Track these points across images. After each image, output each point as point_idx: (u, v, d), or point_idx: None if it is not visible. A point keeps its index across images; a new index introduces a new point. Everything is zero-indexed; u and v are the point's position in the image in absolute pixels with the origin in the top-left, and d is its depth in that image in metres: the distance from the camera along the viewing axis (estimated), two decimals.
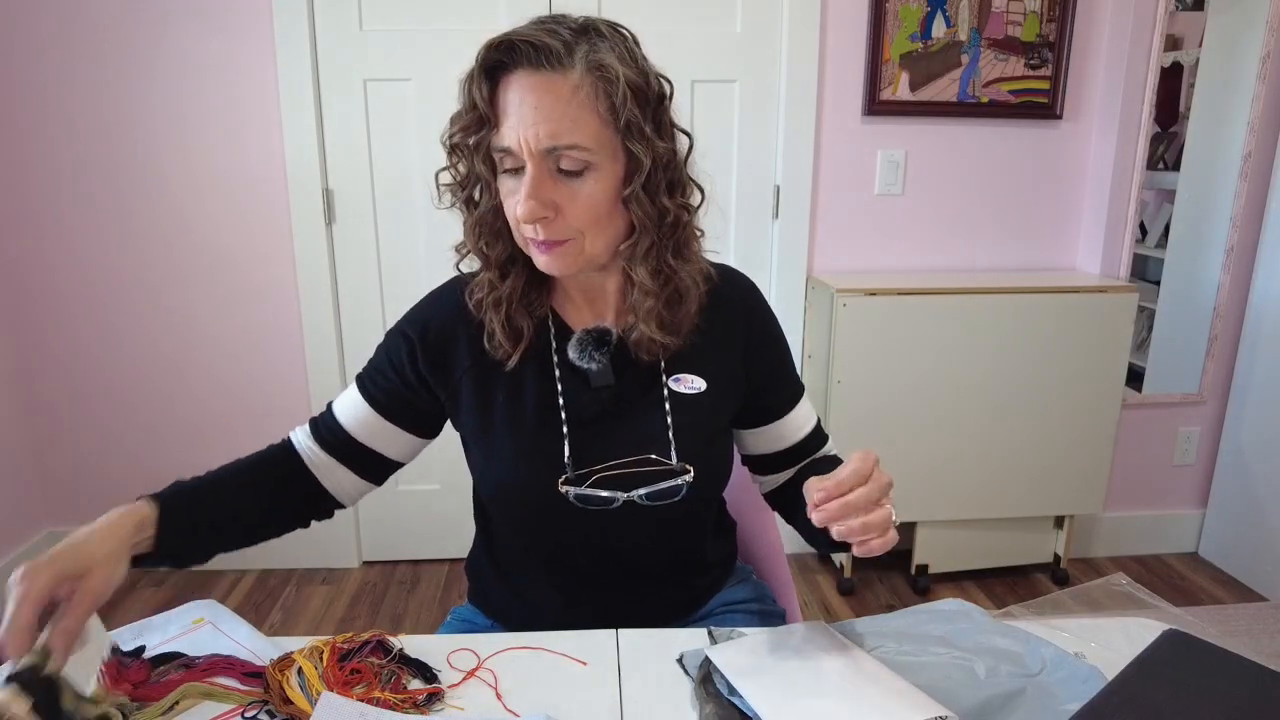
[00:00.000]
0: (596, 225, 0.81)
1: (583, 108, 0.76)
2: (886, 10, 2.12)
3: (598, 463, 0.88)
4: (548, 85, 0.75)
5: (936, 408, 2.11)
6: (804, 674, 0.74)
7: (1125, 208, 2.25)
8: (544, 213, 0.78)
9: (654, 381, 0.91)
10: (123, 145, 2.11)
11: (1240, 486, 2.36)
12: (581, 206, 0.79)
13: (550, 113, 0.75)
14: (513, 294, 0.87)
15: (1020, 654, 0.78)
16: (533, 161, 0.76)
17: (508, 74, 0.77)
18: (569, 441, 0.88)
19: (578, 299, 0.92)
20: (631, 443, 0.89)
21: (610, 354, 0.88)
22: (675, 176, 0.83)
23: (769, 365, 0.96)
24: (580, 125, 0.76)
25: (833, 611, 2.20)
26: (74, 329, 2.23)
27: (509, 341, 0.87)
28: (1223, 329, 2.35)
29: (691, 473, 0.88)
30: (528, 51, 0.75)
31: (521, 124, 0.76)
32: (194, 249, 2.18)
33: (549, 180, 0.78)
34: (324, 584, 2.32)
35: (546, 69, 0.75)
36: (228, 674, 0.77)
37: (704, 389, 0.91)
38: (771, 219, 2.27)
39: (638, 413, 0.90)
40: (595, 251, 0.82)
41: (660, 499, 0.88)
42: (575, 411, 0.89)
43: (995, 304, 2.07)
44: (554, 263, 0.82)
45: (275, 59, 2.07)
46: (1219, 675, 0.70)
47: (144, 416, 2.29)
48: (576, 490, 0.87)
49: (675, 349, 0.89)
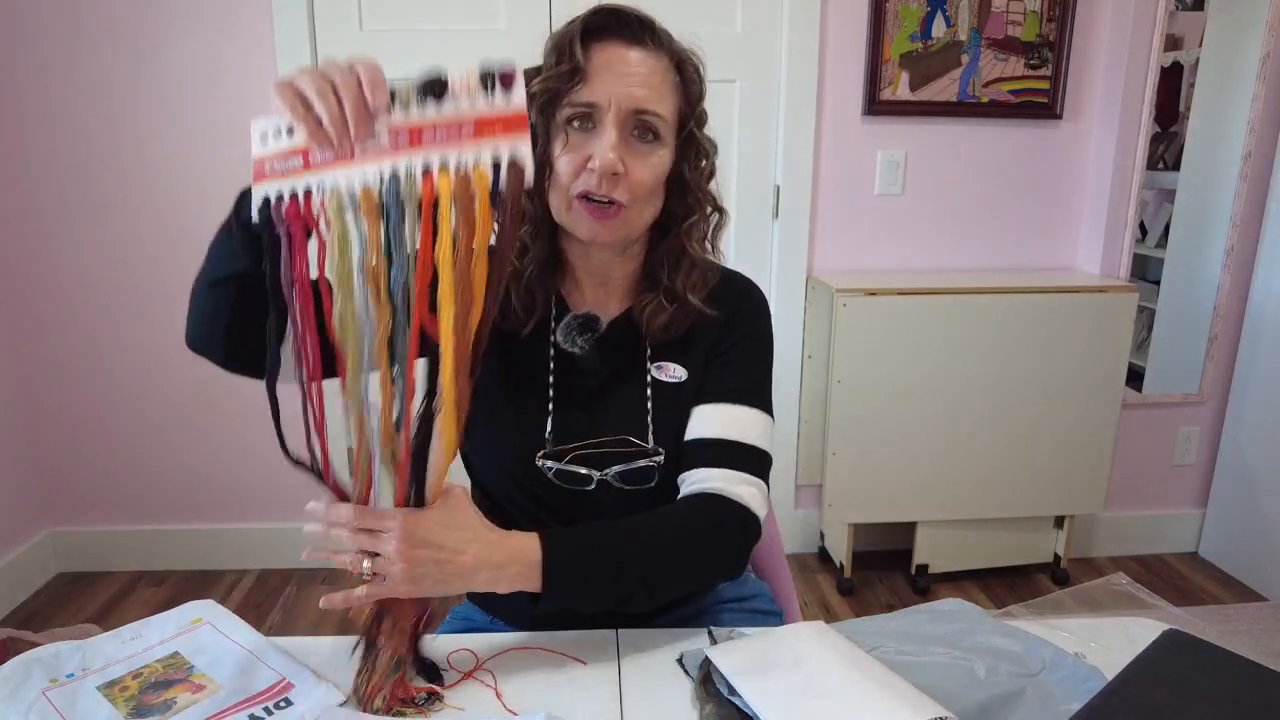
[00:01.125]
0: (649, 196, 0.86)
1: (670, 87, 0.85)
2: (886, 10, 2.12)
3: (578, 441, 0.91)
4: (646, 58, 0.83)
5: (936, 408, 2.11)
6: (804, 674, 0.74)
7: (1125, 208, 2.25)
8: (620, 167, 0.81)
9: (639, 368, 0.94)
10: (123, 144, 2.11)
11: (1240, 486, 2.36)
12: (648, 172, 0.84)
13: (647, 80, 0.82)
14: (534, 264, 0.90)
15: (1020, 654, 0.78)
16: (617, 120, 0.81)
17: (603, 40, 0.82)
18: (552, 419, 0.91)
19: (585, 282, 0.95)
20: (611, 425, 0.92)
21: (595, 340, 0.91)
22: (714, 170, 0.93)
23: (728, 345, 0.94)
24: (665, 100, 0.84)
25: (833, 611, 2.20)
26: (74, 329, 2.23)
27: (524, 312, 0.91)
28: (1223, 329, 2.35)
29: (663, 455, 0.91)
30: (632, 24, 0.83)
31: (617, 83, 0.81)
32: (194, 248, 2.15)
33: (624, 142, 0.83)
34: (324, 584, 2.32)
35: (647, 44, 0.84)
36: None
37: (684, 379, 0.94)
38: (771, 219, 2.27)
39: (620, 397, 0.93)
40: (640, 223, 0.87)
41: (633, 480, 0.90)
42: (562, 392, 0.93)
43: (995, 304, 2.07)
44: (602, 230, 0.84)
45: (275, 59, 2.07)
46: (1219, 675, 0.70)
47: (144, 416, 2.29)
48: (555, 465, 0.90)
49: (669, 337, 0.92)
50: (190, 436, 2.31)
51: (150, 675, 0.78)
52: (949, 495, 2.19)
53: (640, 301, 0.93)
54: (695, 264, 0.91)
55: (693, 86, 0.88)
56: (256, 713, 0.73)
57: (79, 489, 2.34)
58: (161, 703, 0.74)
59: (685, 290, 0.91)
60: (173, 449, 2.32)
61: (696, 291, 0.91)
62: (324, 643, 0.84)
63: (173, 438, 2.31)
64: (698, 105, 0.88)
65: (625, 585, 0.80)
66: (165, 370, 2.26)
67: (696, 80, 0.88)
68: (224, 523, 2.36)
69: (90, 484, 2.33)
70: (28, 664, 0.77)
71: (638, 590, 0.81)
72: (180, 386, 2.27)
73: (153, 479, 2.34)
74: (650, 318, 0.92)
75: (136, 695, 0.75)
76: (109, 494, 2.35)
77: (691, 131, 0.88)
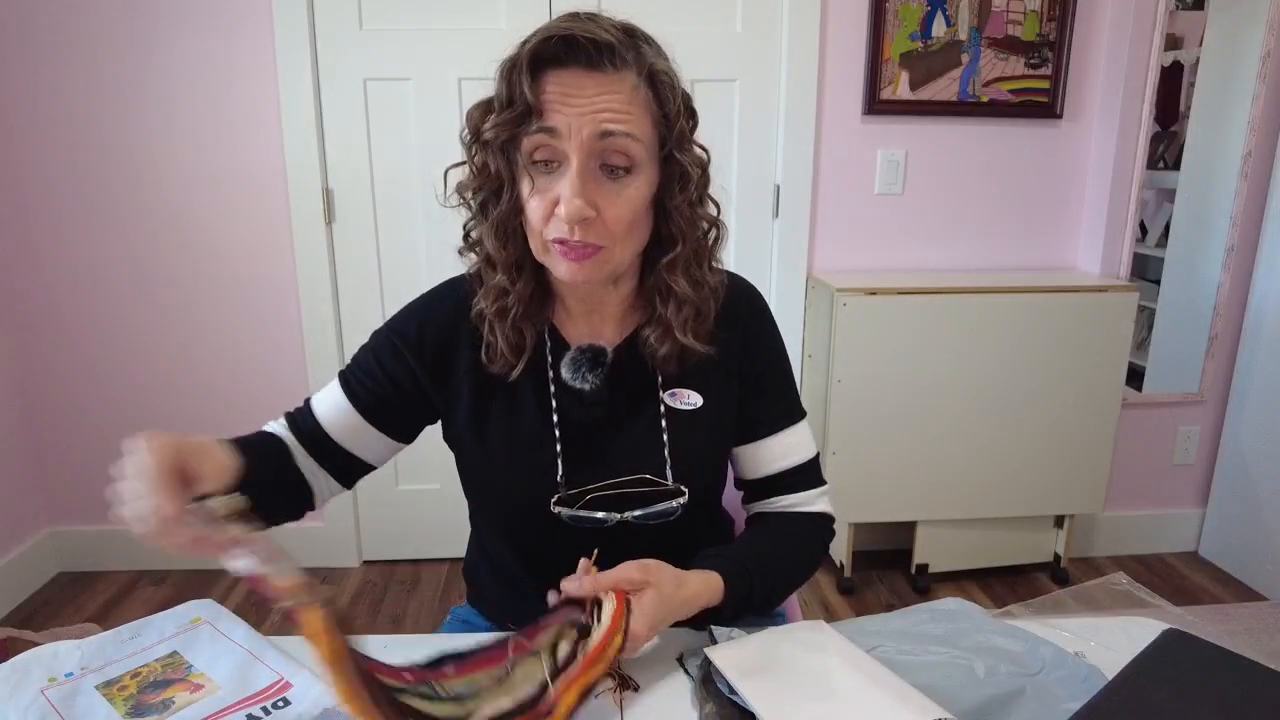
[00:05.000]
0: (629, 233, 0.79)
1: (640, 107, 0.75)
2: (886, 9, 2.12)
3: (591, 480, 0.86)
4: (607, 81, 0.73)
5: (936, 407, 2.11)
6: (804, 674, 0.74)
7: (1125, 207, 2.25)
8: (589, 213, 0.74)
9: (650, 397, 0.89)
10: (122, 144, 2.11)
11: (1240, 486, 2.36)
12: (622, 208, 0.76)
13: (610, 103, 0.73)
14: (520, 301, 0.84)
15: (1020, 653, 0.78)
16: (580, 154, 0.73)
17: (558, 69, 0.74)
18: (562, 460, 0.86)
19: (576, 312, 0.90)
20: (626, 460, 0.87)
21: (604, 374, 0.87)
22: (705, 189, 0.83)
23: (759, 371, 0.92)
24: (636, 120, 0.75)
25: (833, 611, 2.19)
26: (74, 329, 2.23)
27: (512, 354, 0.85)
28: (1223, 328, 2.35)
29: (686, 494, 0.87)
30: (588, 49, 0.72)
31: (576, 112, 0.73)
32: (193, 248, 2.18)
33: (592, 179, 0.75)
34: (324, 583, 2.32)
35: (607, 68, 0.73)
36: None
37: (700, 404, 0.89)
38: (771, 218, 2.27)
39: (633, 429, 0.88)
40: (621, 261, 0.80)
41: (654, 519, 0.87)
42: (569, 428, 0.87)
43: (995, 304, 2.07)
44: (580, 271, 0.78)
45: (275, 58, 2.07)
46: (1219, 675, 0.70)
47: (144, 416, 2.29)
48: (569, 512, 0.85)
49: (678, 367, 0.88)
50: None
51: (149, 675, 0.78)
52: (949, 495, 2.19)
53: (641, 331, 0.88)
54: (685, 300, 0.84)
55: (668, 102, 0.76)
56: (255, 712, 0.73)
57: (79, 489, 2.34)
58: (160, 702, 0.74)
59: (676, 328, 0.84)
60: None
61: (688, 328, 0.84)
62: None
63: None
64: (676, 122, 0.77)
65: (759, 607, 0.87)
66: (165, 369, 2.26)
67: (673, 92, 0.77)
68: None
69: (90, 484, 2.33)
70: (27, 663, 0.77)
71: (764, 608, 0.89)
72: (180, 386, 2.27)
73: None
74: (653, 350, 0.86)
75: (135, 694, 0.75)
76: (109, 494, 2.34)
77: (671, 154, 0.78)
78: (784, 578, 0.91)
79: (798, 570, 0.93)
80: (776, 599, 0.92)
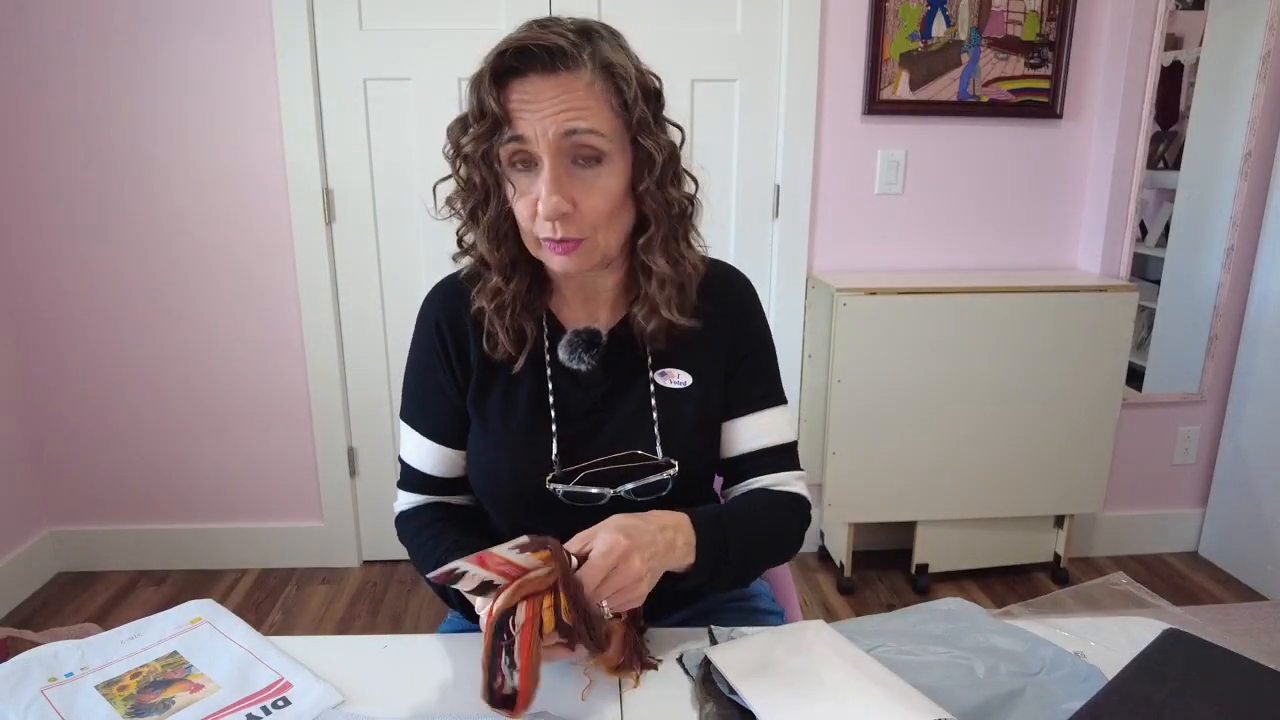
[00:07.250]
0: (610, 221, 0.83)
1: (598, 100, 0.79)
2: (886, 9, 2.12)
3: (586, 459, 0.90)
4: (563, 83, 0.77)
5: (936, 407, 2.11)
6: (804, 674, 0.74)
7: (1125, 207, 2.25)
8: (565, 208, 0.79)
9: (641, 377, 0.93)
10: (122, 145, 2.11)
11: (1240, 486, 2.36)
12: (598, 198, 0.81)
13: (569, 103, 0.77)
14: (516, 298, 0.89)
15: (1020, 653, 0.78)
16: (550, 153, 0.78)
17: (519, 78, 0.78)
18: (557, 439, 0.91)
19: (572, 298, 0.94)
20: (618, 438, 0.91)
21: (600, 355, 0.91)
22: (677, 169, 0.87)
23: (743, 353, 0.96)
24: (597, 115, 0.79)
25: (833, 611, 2.19)
26: (74, 329, 2.23)
27: (513, 345, 0.90)
28: (1223, 328, 2.35)
29: (676, 467, 0.90)
30: (541, 56, 0.77)
31: (539, 117, 0.77)
32: (194, 248, 2.18)
33: (566, 174, 0.79)
34: (324, 583, 2.32)
35: (562, 70, 0.77)
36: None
37: (690, 383, 0.93)
38: (771, 218, 2.27)
39: (625, 408, 0.92)
40: (607, 247, 0.85)
41: (647, 494, 0.90)
42: (564, 409, 0.92)
43: (995, 304, 2.07)
44: (569, 263, 0.83)
45: (275, 59, 2.07)
46: (1219, 675, 0.70)
47: (144, 416, 2.29)
48: (565, 487, 0.89)
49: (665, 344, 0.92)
50: (190, 436, 2.31)
51: (149, 674, 0.78)
52: (949, 495, 2.19)
53: (631, 311, 0.92)
54: (665, 278, 0.88)
55: (625, 91, 0.79)
56: (254, 712, 0.73)
57: (79, 489, 2.34)
58: (160, 702, 0.74)
59: (660, 305, 0.89)
60: (173, 449, 2.32)
61: (671, 304, 0.89)
62: (322, 642, 0.84)
63: (173, 437, 2.31)
64: (635, 109, 0.80)
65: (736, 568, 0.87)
66: (165, 370, 2.26)
67: (627, 83, 0.79)
68: (224, 522, 2.36)
69: (90, 484, 2.34)
70: (27, 663, 0.77)
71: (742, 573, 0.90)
72: (180, 386, 2.27)
73: (152, 479, 2.34)
74: (641, 328, 0.91)
75: (135, 694, 0.75)
76: (109, 494, 2.35)
77: (636, 139, 0.82)
78: (760, 543, 0.91)
79: (774, 539, 0.94)
80: (752, 561, 0.91)
